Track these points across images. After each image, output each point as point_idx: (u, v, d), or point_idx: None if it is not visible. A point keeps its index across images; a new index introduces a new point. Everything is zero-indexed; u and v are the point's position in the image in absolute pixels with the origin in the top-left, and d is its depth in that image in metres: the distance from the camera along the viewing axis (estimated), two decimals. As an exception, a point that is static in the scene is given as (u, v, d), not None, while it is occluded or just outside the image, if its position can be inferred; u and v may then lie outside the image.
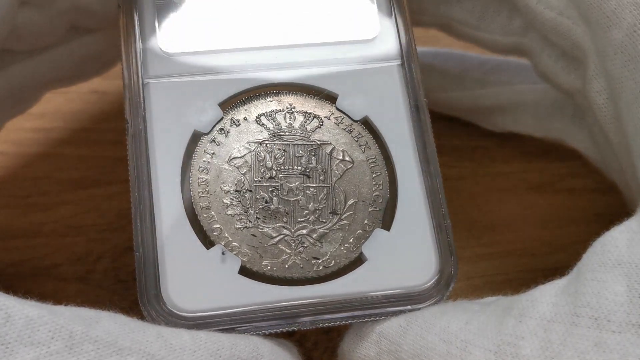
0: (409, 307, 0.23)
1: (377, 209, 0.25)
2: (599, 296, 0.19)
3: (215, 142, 0.25)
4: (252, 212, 0.24)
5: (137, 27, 0.26)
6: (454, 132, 0.36)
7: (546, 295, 0.20)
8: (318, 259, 0.24)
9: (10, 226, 0.32)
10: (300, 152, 0.25)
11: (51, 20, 0.27)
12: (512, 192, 0.35)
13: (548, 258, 0.33)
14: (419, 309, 0.23)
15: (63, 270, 0.31)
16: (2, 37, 0.26)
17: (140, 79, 0.25)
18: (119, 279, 0.31)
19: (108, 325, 0.20)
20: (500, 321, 0.21)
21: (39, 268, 0.31)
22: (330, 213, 0.24)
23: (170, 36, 0.26)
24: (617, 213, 0.23)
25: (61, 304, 0.20)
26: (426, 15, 0.31)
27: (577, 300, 0.20)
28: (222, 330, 0.22)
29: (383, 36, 0.27)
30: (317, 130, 0.25)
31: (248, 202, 0.24)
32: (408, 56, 0.27)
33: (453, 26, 0.31)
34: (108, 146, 0.35)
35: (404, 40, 0.27)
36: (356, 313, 0.23)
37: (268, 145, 0.25)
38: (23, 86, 0.29)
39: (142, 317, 0.22)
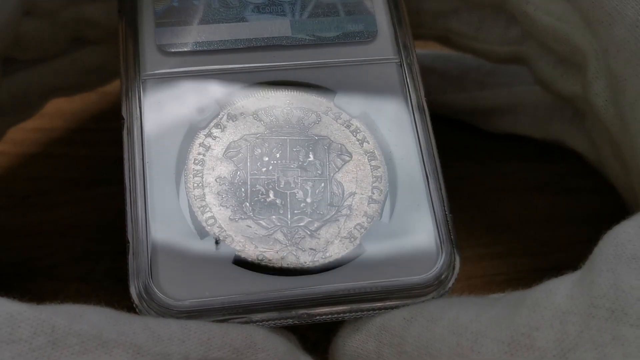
0: (410, 300, 0.22)
1: (377, 201, 0.24)
2: (615, 288, 0.18)
3: (211, 136, 0.24)
4: (248, 204, 0.23)
5: (136, 27, 0.26)
6: (454, 132, 0.35)
7: (560, 287, 0.19)
8: (315, 249, 0.23)
9: (10, 226, 0.32)
10: (298, 146, 0.24)
11: (55, 30, 0.27)
12: (512, 192, 0.34)
13: (548, 258, 0.32)
14: (422, 301, 0.22)
15: (63, 270, 0.31)
16: (5, 45, 0.26)
17: (138, 78, 0.25)
18: (119, 279, 0.30)
19: (92, 318, 0.19)
20: (512, 313, 0.20)
21: (39, 268, 0.31)
22: (328, 205, 0.23)
23: (168, 36, 0.26)
24: (617, 213, 0.22)
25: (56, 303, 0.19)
26: (424, 28, 0.31)
27: (593, 292, 0.19)
28: (215, 322, 0.21)
29: (381, 36, 0.26)
30: (314, 125, 0.25)
31: (243, 194, 0.23)
32: (406, 55, 0.26)
33: (451, 38, 0.31)
34: (108, 146, 0.34)
35: (402, 40, 0.26)
36: (354, 306, 0.22)
37: (265, 139, 0.24)
38: (26, 94, 0.29)
39: (136, 312, 0.21)
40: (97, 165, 0.34)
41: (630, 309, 0.18)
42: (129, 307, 0.21)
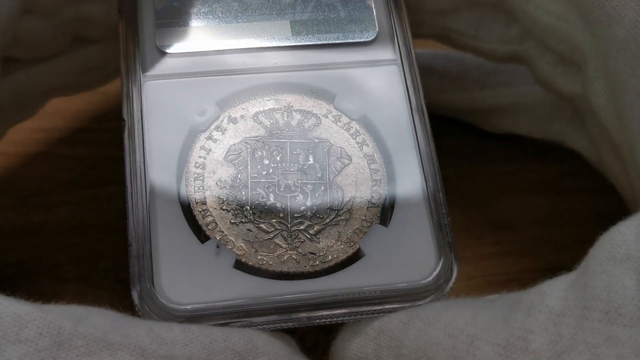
0: (408, 304, 0.23)
1: (376, 205, 0.24)
2: (609, 289, 0.19)
3: (212, 139, 0.24)
4: (248, 207, 0.24)
5: (136, 28, 0.26)
6: (454, 132, 0.36)
7: (555, 289, 0.20)
8: (315, 253, 0.23)
9: (10, 226, 0.32)
10: (298, 149, 0.25)
11: (55, 29, 0.28)
12: (512, 192, 0.35)
13: (548, 258, 0.32)
14: (419, 305, 0.23)
15: (63, 270, 0.31)
16: (5, 44, 0.26)
17: (138, 79, 0.25)
18: (119, 279, 0.31)
19: (97, 320, 0.19)
20: (508, 315, 0.20)
21: (39, 268, 0.31)
22: (327, 209, 0.24)
23: (169, 37, 0.26)
24: (617, 213, 0.22)
25: (60, 304, 0.20)
26: (424, 26, 0.31)
27: (586, 294, 0.19)
28: (217, 325, 0.21)
29: (381, 38, 0.27)
30: (314, 128, 0.25)
31: (244, 197, 0.24)
32: (406, 57, 0.26)
33: (451, 36, 0.31)
34: (108, 146, 0.34)
35: (401, 42, 0.27)
36: (353, 309, 0.23)
37: (265, 142, 0.25)
38: (27, 93, 0.29)
39: (137, 314, 0.22)
40: (97, 165, 0.34)
41: (623, 310, 0.18)
42: (129, 307, 0.22)
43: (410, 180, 0.24)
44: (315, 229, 0.23)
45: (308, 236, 0.23)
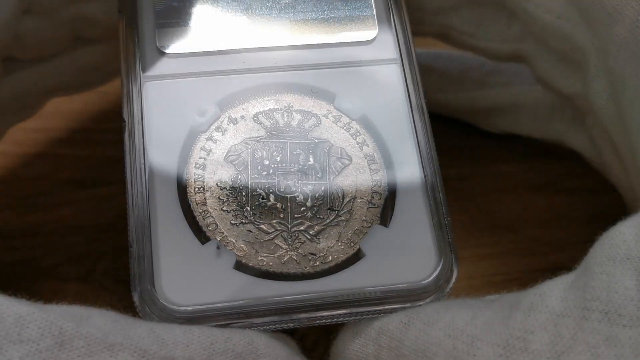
0: (408, 304, 0.23)
1: (376, 205, 0.24)
2: (608, 290, 0.19)
3: (212, 139, 0.24)
4: (248, 208, 0.24)
5: (136, 28, 0.26)
6: (453, 132, 0.36)
7: (555, 290, 0.20)
8: (315, 254, 0.23)
9: (10, 226, 0.32)
10: (298, 150, 0.25)
11: (55, 29, 0.28)
12: (512, 192, 0.35)
13: (548, 258, 0.33)
14: (419, 305, 0.23)
15: (63, 270, 0.31)
16: (5, 44, 0.26)
17: (138, 79, 0.25)
18: (119, 279, 0.31)
19: (99, 321, 0.19)
20: (507, 316, 0.20)
21: (39, 268, 0.31)
22: (327, 209, 0.24)
23: (169, 37, 0.26)
24: (617, 213, 0.23)
25: (60, 303, 0.20)
26: (424, 25, 0.31)
27: (586, 294, 0.19)
28: (217, 327, 0.22)
29: (381, 37, 0.27)
30: (314, 128, 0.25)
31: (244, 198, 0.24)
32: (406, 57, 0.26)
33: (451, 35, 0.31)
34: (108, 146, 0.34)
35: (402, 41, 0.27)
36: (354, 310, 0.23)
37: (265, 142, 0.25)
38: (27, 93, 0.29)
39: (137, 314, 0.22)
40: (97, 165, 0.34)
41: (623, 310, 0.18)
42: (129, 307, 0.22)
43: (411, 180, 0.24)
44: (315, 229, 0.24)
45: (308, 237, 0.23)
